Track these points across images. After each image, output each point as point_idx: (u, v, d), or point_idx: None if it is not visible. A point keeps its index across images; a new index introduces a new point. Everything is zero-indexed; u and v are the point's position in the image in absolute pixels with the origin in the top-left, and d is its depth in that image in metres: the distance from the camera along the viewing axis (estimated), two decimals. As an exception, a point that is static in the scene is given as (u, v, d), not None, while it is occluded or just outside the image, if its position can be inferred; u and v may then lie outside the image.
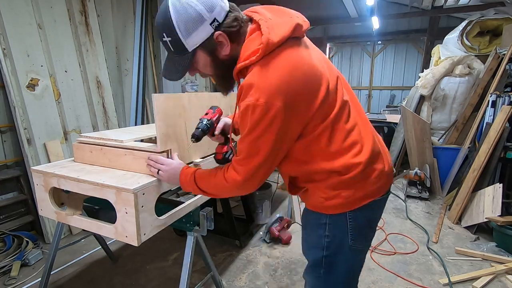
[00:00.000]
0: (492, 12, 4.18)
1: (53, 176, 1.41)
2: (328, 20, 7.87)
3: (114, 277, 2.20)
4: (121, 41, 3.58)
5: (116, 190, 1.21)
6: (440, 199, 3.64)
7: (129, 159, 1.42)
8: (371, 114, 6.43)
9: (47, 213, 1.49)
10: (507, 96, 3.01)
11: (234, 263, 2.36)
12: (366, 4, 5.71)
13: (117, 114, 3.33)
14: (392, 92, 8.50)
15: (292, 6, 1.09)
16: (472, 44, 4.25)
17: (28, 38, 2.48)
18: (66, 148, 2.78)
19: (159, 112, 1.30)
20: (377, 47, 8.58)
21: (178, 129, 1.44)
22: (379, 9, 6.59)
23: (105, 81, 3.15)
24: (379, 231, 2.87)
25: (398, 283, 2.13)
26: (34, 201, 2.56)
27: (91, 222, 1.35)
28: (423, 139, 3.84)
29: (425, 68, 5.09)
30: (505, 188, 2.79)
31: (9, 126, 2.55)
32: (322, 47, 8.96)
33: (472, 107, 3.81)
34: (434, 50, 4.78)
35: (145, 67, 3.78)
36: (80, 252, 2.52)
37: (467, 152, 3.44)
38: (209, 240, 2.64)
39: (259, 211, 2.97)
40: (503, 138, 2.83)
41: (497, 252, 2.49)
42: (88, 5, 2.97)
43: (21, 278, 2.17)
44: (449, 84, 4.05)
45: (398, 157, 4.46)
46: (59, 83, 2.73)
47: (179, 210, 1.44)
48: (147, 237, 1.26)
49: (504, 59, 3.31)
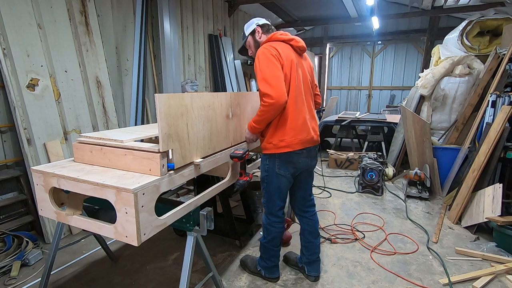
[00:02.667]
0: (492, 12, 4.18)
1: (53, 176, 1.41)
2: (328, 20, 7.89)
3: (114, 277, 2.20)
4: (121, 41, 3.58)
5: (116, 190, 1.21)
6: (440, 199, 3.64)
7: (129, 159, 1.42)
8: (371, 114, 6.44)
9: (47, 213, 1.49)
10: (507, 96, 3.01)
11: (234, 263, 2.36)
12: (366, 4, 5.72)
13: (117, 114, 3.33)
14: (392, 92, 8.51)
15: (292, 6, 1.09)
16: (472, 44, 4.25)
17: (28, 38, 2.48)
18: (66, 148, 2.78)
19: (162, 112, 1.31)
20: (377, 47, 8.58)
21: (180, 129, 1.44)
22: (379, 9, 6.60)
23: (105, 81, 3.15)
24: (379, 231, 2.88)
25: (398, 283, 2.13)
26: (34, 201, 2.56)
27: (91, 222, 1.35)
28: (423, 139, 3.84)
29: (425, 68, 5.10)
30: (505, 188, 2.79)
31: (9, 126, 2.55)
32: (322, 47, 8.97)
33: (472, 107, 3.81)
34: (434, 50, 4.78)
35: (145, 67, 3.78)
36: (80, 252, 2.52)
37: (467, 152, 3.44)
38: (209, 240, 2.64)
39: (259, 211, 2.97)
40: (503, 138, 2.83)
41: (497, 252, 2.49)
42: (88, 5, 2.97)
43: (21, 278, 2.17)
44: (449, 84, 4.06)
45: (398, 157, 4.46)
46: (59, 83, 2.73)
47: (179, 210, 1.45)
48: (147, 237, 1.26)
49: (504, 59, 3.31)
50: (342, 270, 2.27)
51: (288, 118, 1.80)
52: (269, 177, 1.93)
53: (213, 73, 5.47)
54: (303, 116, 1.85)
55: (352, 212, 3.31)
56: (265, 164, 1.93)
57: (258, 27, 1.95)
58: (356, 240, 2.70)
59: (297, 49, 1.88)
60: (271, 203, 1.98)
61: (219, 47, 5.46)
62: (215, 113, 1.73)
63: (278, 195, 1.96)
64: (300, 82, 1.84)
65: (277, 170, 1.88)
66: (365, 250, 2.55)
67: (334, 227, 2.95)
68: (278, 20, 7.84)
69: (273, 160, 1.87)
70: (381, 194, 3.81)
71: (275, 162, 1.87)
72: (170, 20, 4.07)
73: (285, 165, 1.88)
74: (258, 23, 1.95)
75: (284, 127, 1.80)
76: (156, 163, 1.34)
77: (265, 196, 2.00)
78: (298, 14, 7.69)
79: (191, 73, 4.92)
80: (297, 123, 1.82)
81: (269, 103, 1.66)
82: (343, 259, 2.42)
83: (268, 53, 1.72)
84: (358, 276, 2.21)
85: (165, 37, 4.03)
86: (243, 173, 2.01)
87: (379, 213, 3.28)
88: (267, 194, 1.98)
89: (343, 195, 3.83)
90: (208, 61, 5.36)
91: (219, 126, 1.80)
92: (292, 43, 1.85)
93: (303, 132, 1.85)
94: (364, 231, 2.86)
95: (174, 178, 1.44)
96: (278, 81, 1.67)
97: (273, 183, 1.93)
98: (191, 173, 1.56)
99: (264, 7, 6.61)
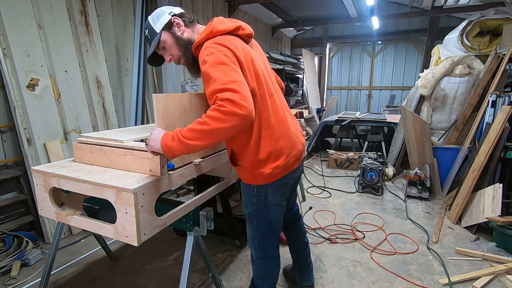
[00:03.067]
0: (492, 12, 4.18)
1: (53, 176, 1.41)
2: (328, 20, 7.89)
3: (114, 277, 2.20)
4: (121, 41, 3.58)
5: (116, 190, 1.21)
6: (440, 199, 3.64)
7: (129, 159, 1.42)
8: (371, 114, 6.43)
9: (47, 213, 1.49)
10: (507, 96, 3.01)
11: (234, 263, 2.36)
12: (366, 4, 5.72)
13: (117, 114, 3.33)
14: (392, 92, 8.51)
15: (292, 6, 1.10)
16: (472, 44, 4.25)
17: (28, 38, 2.48)
18: (66, 148, 2.78)
19: (160, 112, 1.31)
20: (377, 47, 8.59)
21: (178, 129, 1.44)
22: (379, 9, 6.60)
23: (105, 81, 3.15)
24: (379, 231, 2.88)
25: (398, 283, 2.13)
26: (34, 201, 2.56)
27: (91, 222, 1.35)
28: (423, 139, 3.84)
29: (425, 68, 5.09)
30: (505, 188, 2.79)
31: (9, 126, 2.55)
32: (322, 47, 8.97)
33: (472, 107, 3.81)
34: (434, 50, 4.78)
35: (145, 67, 3.78)
36: (80, 252, 2.52)
37: (467, 152, 3.44)
38: (209, 240, 2.64)
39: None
40: (503, 138, 2.83)
41: (497, 252, 2.49)
42: (88, 5, 2.97)
43: (21, 278, 2.17)
44: (449, 84, 4.06)
45: (398, 157, 4.46)
46: (59, 83, 2.73)
47: (179, 210, 1.45)
48: (147, 237, 1.26)
49: (504, 59, 3.31)
50: (342, 270, 2.27)
51: (275, 132, 1.35)
52: (259, 212, 1.47)
53: (213, 73, 5.46)
54: (287, 122, 1.43)
55: (352, 212, 3.31)
56: (251, 196, 1.45)
57: (176, 17, 1.37)
58: (356, 240, 2.70)
59: (246, 38, 1.41)
60: (264, 243, 1.55)
61: (219, 47, 5.46)
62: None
63: (273, 231, 1.53)
64: (267, 79, 1.40)
65: (272, 200, 1.44)
66: (365, 250, 2.55)
67: (334, 227, 2.95)
68: (278, 20, 7.85)
69: (265, 189, 1.42)
70: (381, 194, 3.80)
71: (267, 191, 1.42)
72: (170, 20, 4.07)
73: (280, 190, 1.45)
74: (173, 13, 1.38)
75: (275, 145, 1.35)
76: (156, 163, 1.34)
77: (256, 237, 1.54)
78: (298, 14, 7.70)
79: (191, 73, 4.92)
80: (286, 134, 1.40)
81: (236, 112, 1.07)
82: (343, 259, 2.42)
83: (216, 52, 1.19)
84: (358, 276, 2.21)
85: (165, 37, 4.03)
86: None
87: (379, 213, 3.28)
88: (259, 233, 1.53)
89: (343, 195, 3.83)
90: (208, 61, 5.36)
91: (219, 126, 1.80)
92: (240, 32, 1.36)
93: (295, 143, 1.44)
94: (364, 231, 2.86)
95: (174, 178, 1.44)
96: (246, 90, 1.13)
97: (267, 217, 1.48)
98: (191, 173, 1.56)
99: (264, 7, 6.62)
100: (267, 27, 8.01)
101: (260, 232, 1.52)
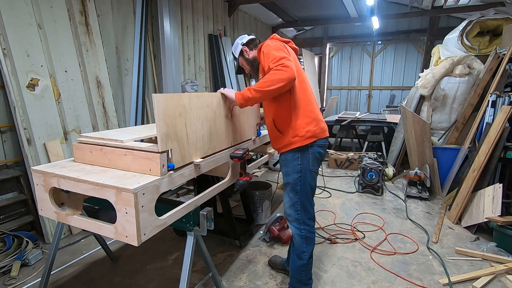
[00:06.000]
0: (492, 12, 4.18)
1: (53, 176, 1.41)
2: (328, 20, 7.88)
3: (114, 277, 2.20)
4: (121, 41, 3.58)
5: (116, 190, 1.21)
6: (440, 199, 3.64)
7: (129, 159, 1.42)
8: (371, 114, 6.44)
9: (47, 213, 1.49)
10: (507, 96, 3.01)
11: (234, 263, 2.36)
12: (366, 4, 5.72)
13: (117, 114, 3.33)
14: (392, 92, 8.50)
15: (292, 6, 1.10)
16: (472, 44, 4.25)
17: (28, 38, 2.48)
18: (66, 148, 2.78)
19: (160, 112, 1.31)
20: (377, 47, 8.58)
21: (179, 129, 1.44)
22: (379, 9, 6.59)
23: (105, 81, 3.15)
24: (379, 231, 2.88)
25: (398, 283, 2.13)
26: (34, 201, 2.56)
27: (91, 222, 1.35)
28: (423, 139, 3.84)
29: (425, 68, 5.09)
30: (505, 188, 2.79)
31: (9, 126, 2.55)
32: (322, 47, 8.96)
33: (472, 107, 3.81)
34: (434, 50, 4.78)
35: (145, 67, 3.77)
36: (80, 252, 2.52)
37: (467, 152, 3.44)
38: (209, 240, 2.64)
39: (259, 211, 2.97)
40: (503, 138, 2.83)
41: (497, 252, 2.49)
42: (88, 5, 2.97)
43: (21, 278, 2.17)
44: (449, 84, 4.06)
45: (398, 157, 4.46)
46: (59, 83, 2.73)
47: (179, 210, 1.45)
48: (147, 237, 1.26)
49: (504, 59, 3.31)
50: (342, 270, 2.27)
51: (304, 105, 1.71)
52: (302, 178, 1.72)
53: (213, 73, 5.46)
54: (315, 105, 1.78)
55: (352, 212, 3.31)
56: (295, 164, 1.72)
57: (244, 46, 1.96)
58: (356, 240, 2.70)
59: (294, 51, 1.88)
60: (307, 204, 1.78)
61: (219, 47, 5.46)
62: (214, 113, 1.73)
63: (312, 194, 1.81)
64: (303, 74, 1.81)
65: (312, 167, 1.73)
66: (365, 250, 2.55)
67: (334, 227, 2.95)
68: (278, 20, 7.84)
69: (307, 155, 1.71)
70: (381, 194, 3.81)
71: (309, 157, 1.71)
72: (170, 20, 4.07)
73: (317, 161, 1.76)
74: (242, 43, 1.96)
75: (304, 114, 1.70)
76: (156, 163, 1.34)
77: (299, 201, 1.75)
78: (298, 14, 7.69)
79: (191, 73, 4.92)
80: (313, 109, 1.74)
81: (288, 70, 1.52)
82: (343, 259, 2.42)
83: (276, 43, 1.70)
84: (358, 276, 2.21)
85: (165, 37, 4.02)
86: (243, 173, 1.99)
87: (379, 213, 3.28)
88: (302, 196, 1.75)
89: (343, 195, 3.83)
90: (208, 61, 5.35)
91: (219, 126, 1.80)
92: (290, 45, 1.85)
93: (320, 120, 1.77)
94: (364, 231, 2.86)
95: (174, 178, 1.44)
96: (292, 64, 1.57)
97: (309, 182, 1.75)
98: (191, 173, 1.56)
99: (264, 7, 6.61)
100: (267, 27, 8.00)
101: (303, 195, 1.75)
